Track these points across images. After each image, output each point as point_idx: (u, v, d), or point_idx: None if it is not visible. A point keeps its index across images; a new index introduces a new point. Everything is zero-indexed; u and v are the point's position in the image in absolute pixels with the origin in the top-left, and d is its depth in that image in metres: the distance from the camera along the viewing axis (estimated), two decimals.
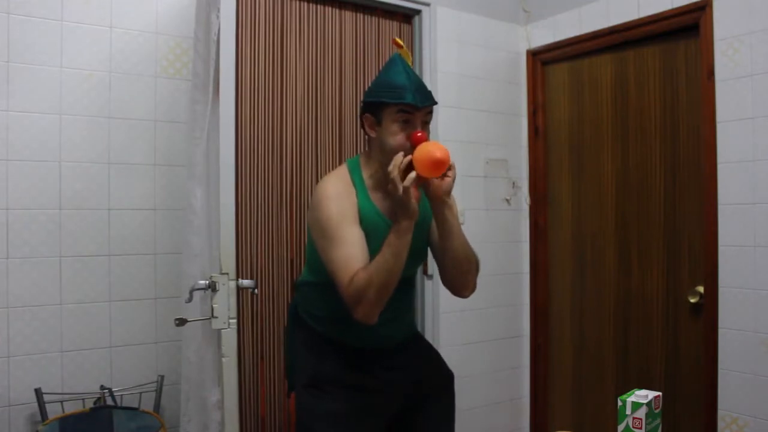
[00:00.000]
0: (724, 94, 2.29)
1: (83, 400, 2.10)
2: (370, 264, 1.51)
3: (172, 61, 2.32)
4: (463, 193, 2.77)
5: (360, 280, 1.49)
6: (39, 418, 2.02)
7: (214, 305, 1.80)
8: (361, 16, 2.68)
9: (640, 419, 1.38)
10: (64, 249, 2.13)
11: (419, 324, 2.77)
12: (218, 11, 1.86)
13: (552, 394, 3.04)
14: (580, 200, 2.91)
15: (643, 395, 1.40)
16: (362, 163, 1.69)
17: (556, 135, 3.02)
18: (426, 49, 2.78)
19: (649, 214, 2.61)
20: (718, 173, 2.31)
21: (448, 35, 2.83)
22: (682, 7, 2.41)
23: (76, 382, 2.13)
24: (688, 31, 2.43)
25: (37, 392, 2.02)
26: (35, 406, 2.02)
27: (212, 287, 1.81)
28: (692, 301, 2.43)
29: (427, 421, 1.80)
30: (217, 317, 1.80)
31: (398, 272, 1.52)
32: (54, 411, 2.04)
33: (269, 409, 2.44)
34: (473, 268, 1.70)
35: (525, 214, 3.09)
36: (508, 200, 3.04)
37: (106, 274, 2.20)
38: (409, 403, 1.77)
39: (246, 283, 1.94)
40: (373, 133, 1.63)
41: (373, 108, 1.60)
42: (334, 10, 2.61)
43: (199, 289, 1.86)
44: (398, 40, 1.71)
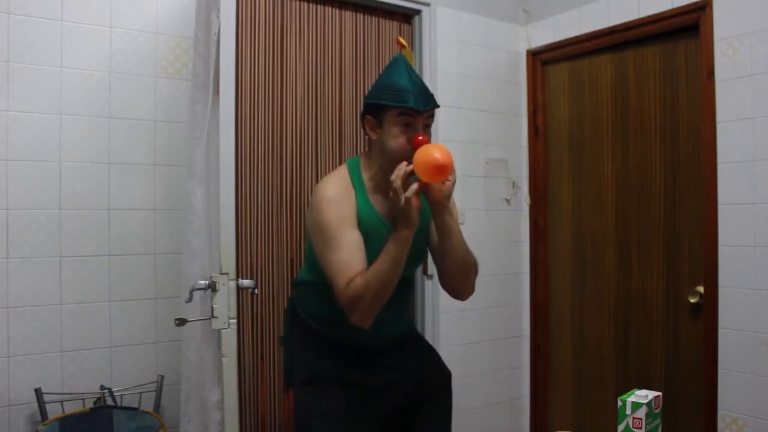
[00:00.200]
0: (724, 94, 2.29)
1: (83, 400, 2.10)
2: (368, 270, 1.51)
3: (172, 61, 2.32)
4: (463, 193, 2.77)
5: (357, 286, 1.49)
6: (39, 418, 2.02)
7: (214, 305, 1.80)
8: (361, 16, 2.68)
9: (640, 419, 1.38)
10: (64, 249, 2.13)
11: (419, 324, 2.77)
12: (218, 11, 1.86)
13: (552, 394, 3.04)
14: (580, 200, 2.91)
15: (643, 395, 1.40)
16: (362, 164, 1.68)
17: (556, 135, 3.02)
18: (426, 49, 2.78)
19: (649, 214, 2.61)
20: (718, 173, 2.31)
21: (448, 35, 2.83)
22: (682, 7, 2.41)
23: (76, 382, 2.13)
24: (688, 31, 2.43)
25: (37, 392, 2.02)
26: (35, 406, 2.02)
27: (212, 287, 1.81)
28: (692, 301, 2.43)
29: (426, 421, 1.80)
30: (217, 317, 1.81)
31: (395, 280, 1.52)
32: (54, 411, 2.04)
33: (269, 409, 2.44)
34: (472, 271, 1.70)
35: (525, 214, 3.09)
36: (508, 200, 3.04)
37: (106, 274, 2.20)
38: (408, 402, 1.77)
39: (246, 283, 1.95)
40: (374, 135, 1.63)
41: (375, 110, 1.60)
42: (334, 10, 2.61)
43: (199, 289, 1.86)
44: (402, 40, 1.71)
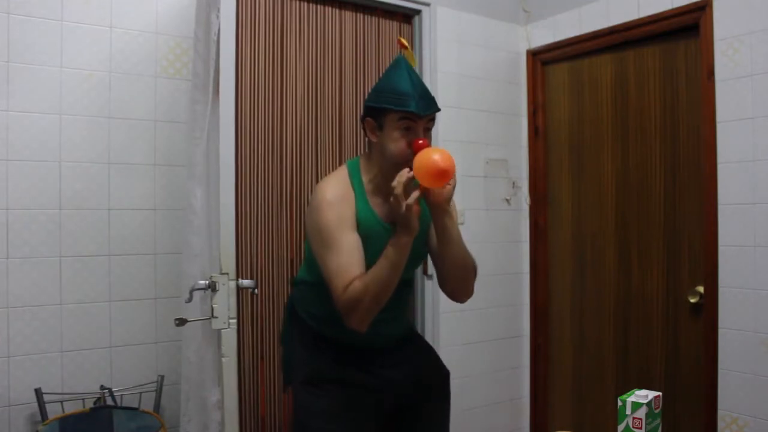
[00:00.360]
0: (724, 94, 2.29)
1: (83, 400, 2.10)
2: (366, 274, 1.51)
3: (172, 61, 2.32)
4: (463, 193, 2.77)
5: (355, 290, 1.49)
6: (39, 418, 2.02)
7: (214, 305, 1.80)
8: (361, 16, 2.68)
9: (640, 419, 1.38)
10: (64, 249, 2.13)
11: (419, 324, 2.77)
12: (218, 11, 1.86)
13: (552, 394, 3.04)
14: (580, 200, 2.91)
15: (643, 395, 1.40)
16: (362, 166, 1.68)
17: (556, 135, 3.02)
18: (426, 49, 2.78)
19: (649, 214, 2.61)
20: (718, 173, 2.31)
21: (448, 35, 2.83)
22: (682, 7, 2.41)
23: (76, 382, 2.13)
24: (688, 31, 2.43)
25: (37, 392, 2.02)
26: (35, 406, 2.02)
27: (212, 287, 1.81)
28: (692, 301, 2.43)
29: (425, 420, 1.81)
30: (217, 317, 1.81)
31: (394, 284, 1.53)
32: (54, 411, 2.04)
33: (269, 409, 2.44)
34: (471, 274, 1.70)
35: (525, 214, 3.09)
36: (508, 200, 3.04)
37: (106, 274, 2.20)
38: (406, 402, 1.78)
39: (246, 283, 1.95)
40: (374, 138, 1.62)
41: (375, 113, 1.59)
42: (334, 10, 2.61)
43: (199, 289, 1.86)
44: (403, 40, 1.70)
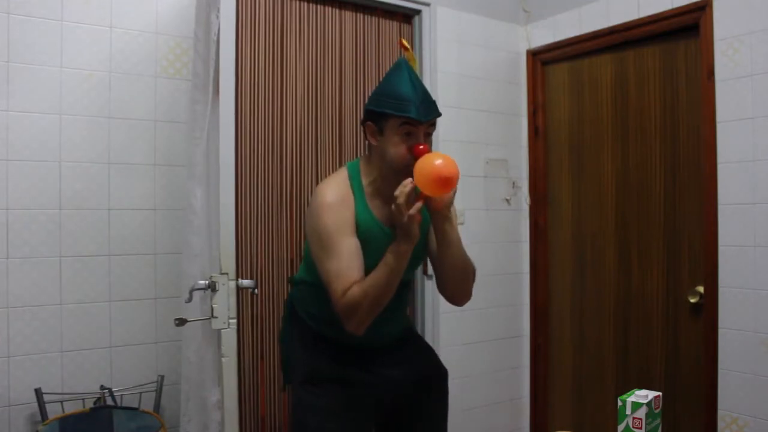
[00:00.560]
0: (724, 94, 2.29)
1: (83, 400, 2.10)
2: (365, 280, 1.52)
3: (172, 61, 2.32)
4: (463, 193, 2.77)
5: (354, 296, 1.50)
6: (39, 418, 2.02)
7: (214, 305, 1.80)
8: (361, 16, 2.68)
9: (640, 419, 1.38)
10: (64, 249, 2.13)
11: (419, 324, 2.77)
12: (218, 11, 1.86)
13: (552, 394, 3.04)
14: (580, 200, 2.90)
15: (643, 395, 1.40)
16: (362, 169, 1.68)
17: (556, 135, 3.02)
18: (426, 49, 2.78)
19: (649, 214, 2.61)
20: (718, 173, 2.31)
21: (448, 35, 2.83)
22: (682, 7, 2.41)
23: (76, 382, 2.13)
24: (688, 31, 2.43)
25: (37, 392, 2.02)
26: (35, 406, 2.02)
27: (212, 287, 1.81)
28: (692, 301, 2.43)
29: (424, 418, 1.81)
30: (216, 317, 1.81)
31: (392, 290, 1.54)
32: (54, 411, 2.04)
33: (269, 409, 2.44)
34: (470, 278, 1.72)
35: (525, 214, 3.09)
36: (508, 200, 3.04)
37: (106, 274, 2.20)
38: (406, 400, 1.78)
39: (246, 283, 1.95)
40: (374, 142, 1.62)
41: (376, 117, 1.59)
42: (334, 10, 2.61)
43: (199, 289, 1.86)
44: (405, 42, 1.70)
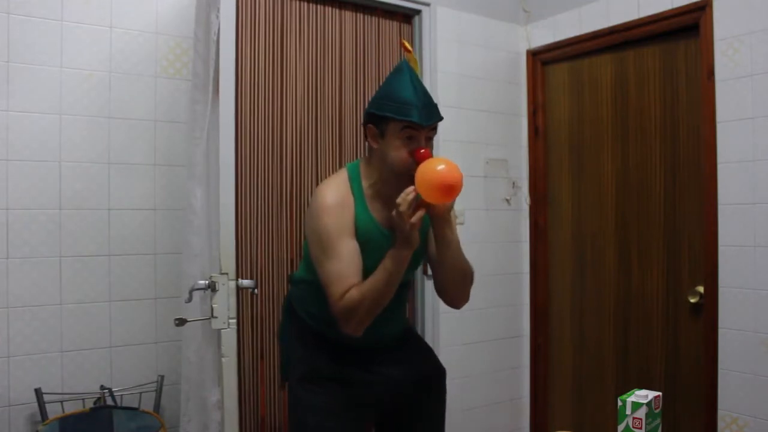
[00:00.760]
0: (724, 94, 2.29)
1: (83, 400, 2.10)
2: (364, 284, 1.53)
3: (172, 61, 2.32)
4: (463, 193, 2.73)
5: (352, 298, 1.51)
6: (39, 418, 2.02)
7: (214, 305, 1.80)
8: (361, 16, 2.68)
9: (640, 419, 1.38)
10: (64, 249, 2.13)
11: (419, 324, 2.77)
12: (218, 11, 1.86)
13: (552, 394, 3.04)
14: (580, 200, 2.90)
15: (643, 395, 1.40)
16: (362, 171, 1.68)
17: (556, 135, 3.02)
18: (426, 49, 2.78)
19: (649, 214, 2.61)
20: (718, 173, 2.31)
21: (448, 35, 2.83)
22: (682, 7, 2.41)
23: (76, 382, 2.13)
24: (688, 31, 2.43)
25: (37, 392, 2.02)
26: (35, 406, 2.02)
27: (212, 287, 1.81)
28: (692, 301, 2.43)
29: (423, 417, 1.82)
30: (216, 317, 1.81)
31: (390, 295, 1.55)
32: (54, 411, 2.04)
33: (269, 409, 2.44)
34: (469, 282, 1.72)
35: (525, 214, 3.09)
36: (508, 200, 3.04)
37: (106, 274, 2.20)
38: (405, 399, 1.79)
39: (246, 283, 1.95)
40: (375, 145, 1.62)
41: (377, 120, 1.59)
42: (334, 10, 2.61)
43: (199, 289, 1.86)
44: (407, 44, 1.70)
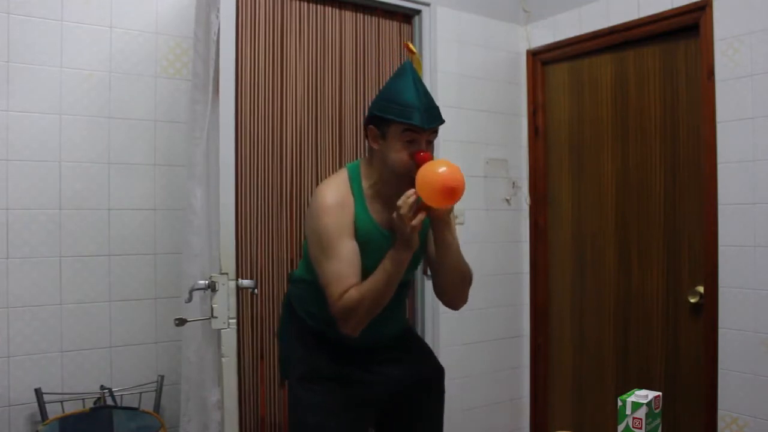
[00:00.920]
0: (724, 94, 2.29)
1: (83, 400, 2.10)
2: (363, 285, 1.53)
3: (172, 61, 2.32)
4: (464, 193, 2.77)
5: (351, 299, 1.52)
6: (39, 418, 2.02)
7: (214, 305, 1.80)
8: (361, 16, 2.68)
9: (640, 419, 1.38)
10: (64, 249, 2.13)
11: (419, 324, 2.77)
12: (218, 11, 1.86)
13: (552, 394, 3.04)
14: (580, 200, 2.90)
15: (643, 395, 1.40)
16: (363, 171, 1.68)
17: (556, 135, 3.02)
18: (426, 49, 2.78)
19: (649, 214, 2.61)
20: (718, 173, 2.31)
21: (448, 35, 2.83)
22: (682, 7, 2.41)
23: (76, 382, 2.13)
24: (688, 31, 2.43)
25: (37, 392, 2.02)
26: (35, 406, 2.02)
27: (212, 287, 1.81)
28: (692, 301, 2.43)
29: (422, 416, 1.82)
30: (216, 317, 1.81)
31: (389, 296, 1.55)
32: (54, 411, 2.04)
33: (269, 409, 2.44)
34: (467, 283, 1.73)
35: (525, 214, 3.09)
36: (508, 200, 3.04)
37: (106, 274, 2.20)
38: (405, 399, 1.79)
39: (246, 283, 1.95)
40: (376, 146, 1.63)
41: (379, 121, 1.59)
42: (334, 10, 2.61)
43: (199, 289, 1.86)
44: (411, 45, 1.70)
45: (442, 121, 1.61)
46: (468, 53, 2.90)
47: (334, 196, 1.61)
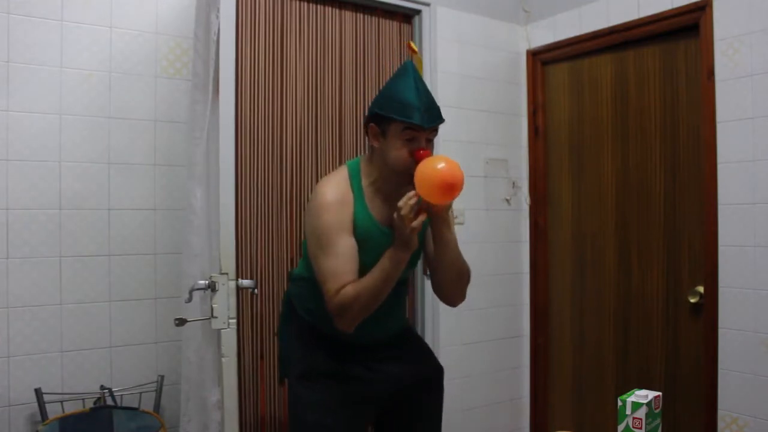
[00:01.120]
0: (724, 94, 2.29)
1: (83, 400, 2.10)
2: (359, 282, 1.54)
3: (172, 61, 2.32)
4: (464, 193, 2.74)
5: (347, 295, 1.52)
6: (39, 418, 2.02)
7: (214, 305, 1.80)
8: (361, 16, 2.68)
9: (640, 419, 1.38)
10: (64, 249, 2.13)
11: (419, 324, 2.77)
12: (218, 11, 1.86)
13: (552, 394, 3.04)
14: (580, 200, 2.90)
15: (643, 395, 1.40)
16: (363, 169, 1.69)
17: (556, 135, 3.02)
18: (426, 49, 2.78)
19: (649, 214, 2.61)
20: (718, 173, 2.31)
21: (449, 35, 2.83)
22: (682, 7, 2.41)
23: (76, 382, 2.13)
24: (688, 31, 2.43)
25: (37, 392, 2.02)
26: (35, 406, 2.02)
27: (212, 287, 1.81)
28: (692, 301, 2.43)
29: (422, 414, 1.82)
30: (216, 317, 1.81)
31: (385, 294, 1.56)
32: (54, 411, 2.04)
33: (269, 409, 2.44)
34: (465, 280, 1.74)
35: (525, 214, 3.09)
36: (508, 200, 3.04)
37: (106, 274, 2.20)
38: (404, 397, 1.79)
39: (246, 283, 1.95)
40: (376, 144, 1.64)
41: (380, 120, 1.61)
42: (334, 10, 2.61)
43: (199, 289, 1.86)
44: (413, 45, 1.72)
45: (442, 120, 1.62)
46: (468, 53, 2.90)
47: (334, 193, 1.62)
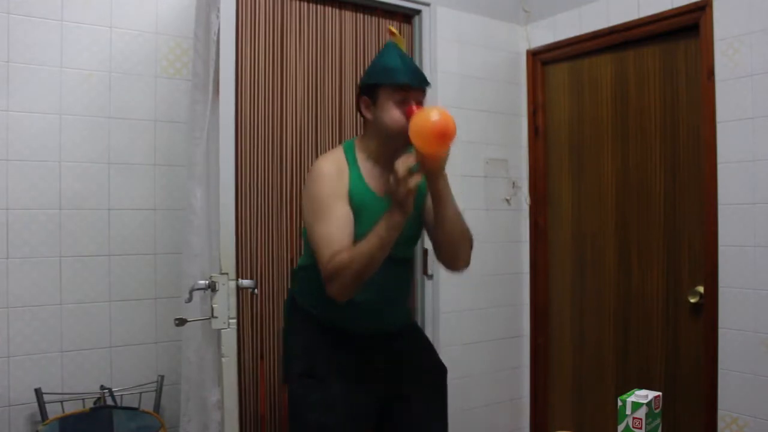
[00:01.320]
0: (724, 94, 2.29)
1: (83, 400, 2.10)
2: (355, 247, 1.54)
3: (172, 61, 2.32)
4: (463, 193, 2.77)
5: (341, 260, 1.52)
6: (39, 418, 2.02)
7: (214, 305, 1.80)
8: (361, 16, 2.68)
9: (640, 419, 1.38)
10: (64, 249, 2.13)
11: (419, 324, 2.77)
12: (218, 11, 1.86)
13: (552, 394, 3.04)
14: (580, 200, 2.90)
15: (643, 395, 1.40)
16: (357, 145, 1.74)
17: (556, 135, 3.02)
18: (426, 49, 2.78)
19: (649, 214, 2.61)
20: (718, 173, 2.31)
21: (449, 35, 2.83)
22: (682, 7, 2.41)
23: (76, 382, 2.13)
24: (688, 31, 2.43)
25: (37, 392, 2.02)
26: (35, 406, 2.02)
27: (212, 287, 1.81)
28: (692, 301, 2.43)
29: (424, 413, 1.81)
30: (216, 317, 1.81)
31: (380, 261, 1.54)
32: (54, 411, 2.04)
33: (269, 409, 2.44)
34: (466, 240, 1.71)
35: (525, 214, 3.09)
36: (508, 200, 3.04)
37: (106, 274, 2.20)
38: (404, 395, 1.78)
39: (246, 283, 1.95)
40: (369, 115, 1.68)
41: (369, 90, 1.66)
42: (334, 10, 2.61)
43: (199, 289, 1.86)
44: (392, 28, 1.76)
45: (428, 84, 1.68)
46: (468, 53, 2.90)
47: (330, 164, 1.66)
